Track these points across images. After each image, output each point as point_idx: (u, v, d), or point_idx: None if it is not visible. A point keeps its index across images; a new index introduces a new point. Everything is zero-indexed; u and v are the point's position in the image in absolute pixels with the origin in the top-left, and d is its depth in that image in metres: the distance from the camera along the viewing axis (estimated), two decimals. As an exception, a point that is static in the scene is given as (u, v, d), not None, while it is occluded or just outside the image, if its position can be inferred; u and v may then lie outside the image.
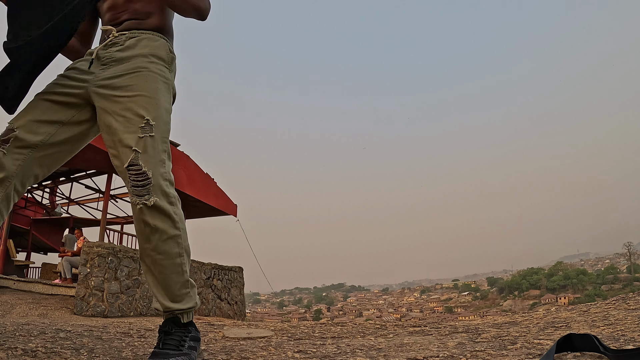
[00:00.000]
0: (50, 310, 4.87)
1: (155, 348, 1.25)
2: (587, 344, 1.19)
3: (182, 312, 1.30)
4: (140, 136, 1.23)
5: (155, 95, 1.31)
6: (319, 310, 73.74)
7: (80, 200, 11.81)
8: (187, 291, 1.31)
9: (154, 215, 1.22)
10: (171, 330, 1.27)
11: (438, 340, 1.83)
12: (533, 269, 77.13)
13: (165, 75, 1.39)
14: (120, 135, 1.25)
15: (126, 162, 1.23)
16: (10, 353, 1.24)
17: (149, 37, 1.41)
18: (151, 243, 1.24)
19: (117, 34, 1.39)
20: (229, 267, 8.24)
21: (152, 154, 1.24)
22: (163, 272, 1.26)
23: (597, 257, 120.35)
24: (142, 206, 1.21)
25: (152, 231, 1.23)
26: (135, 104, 1.27)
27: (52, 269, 9.49)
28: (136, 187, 1.22)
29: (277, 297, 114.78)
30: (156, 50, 1.40)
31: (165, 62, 1.41)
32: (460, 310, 68.02)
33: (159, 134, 1.27)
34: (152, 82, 1.32)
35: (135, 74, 1.31)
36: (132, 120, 1.25)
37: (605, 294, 52.56)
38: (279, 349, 1.69)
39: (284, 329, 2.61)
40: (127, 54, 1.36)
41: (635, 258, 70.78)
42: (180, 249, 1.29)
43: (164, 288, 1.27)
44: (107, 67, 1.35)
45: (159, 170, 1.25)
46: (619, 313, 2.04)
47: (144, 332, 2.27)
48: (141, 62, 1.35)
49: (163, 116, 1.30)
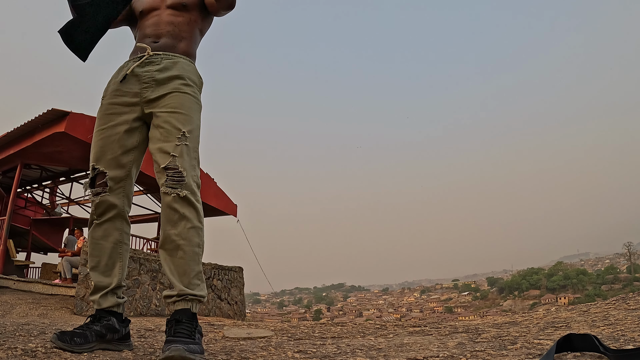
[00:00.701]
0: (50, 310, 4.87)
1: (168, 336, 1.32)
2: (587, 344, 1.18)
3: (194, 299, 1.40)
4: (177, 144, 1.46)
5: (190, 113, 1.53)
6: (319, 310, 73.71)
7: (80, 200, 11.82)
8: (200, 282, 1.43)
9: (183, 205, 1.42)
10: (182, 320, 1.35)
11: (438, 340, 1.83)
12: (533, 269, 77.10)
13: (198, 97, 1.61)
14: (160, 144, 1.48)
15: (164, 164, 1.44)
16: (10, 353, 1.24)
17: (183, 61, 1.62)
18: (177, 229, 1.41)
19: (152, 53, 1.58)
20: (229, 267, 8.24)
21: (187, 158, 1.46)
22: (183, 258, 1.40)
23: (597, 257, 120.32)
24: (175, 195, 1.41)
25: (180, 217, 1.41)
26: (174, 118, 1.50)
27: (52, 269, 9.47)
28: (172, 182, 1.42)
29: (277, 297, 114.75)
30: (190, 74, 1.61)
31: (197, 85, 1.63)
32: (460, 310, 67.98)
33: (192, 144, 1.50)
34: (188, 102, 1.55)
35: (174, 94, 1.53)
36: (170, 131, 1.48)
37: (605, 294, 52.53)
38: (279, 349, 1.69)
39: (284, 329, 2.61)
40: (165, 75, 1.56)
41: (635, 258, 70.75)
42: (200, 240, 1.45)
43: (180, 274, 1.40)
44: (149, 87, 1.56)
45: (191, 173, 1.46)
46: (619, 313, 2.04)
47: (144, 332, 2.27)
48: (178, 84, 1.56)
49: (195, 131, 1.53)
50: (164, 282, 6.09)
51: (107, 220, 1.54)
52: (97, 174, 1.53)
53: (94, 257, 1.54)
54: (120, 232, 1.57)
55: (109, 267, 1.53)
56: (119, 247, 1.56)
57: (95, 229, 1.54)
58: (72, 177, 10.05)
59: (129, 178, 1.58)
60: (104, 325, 1.45)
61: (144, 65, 1.57)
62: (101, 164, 1.53)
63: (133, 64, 1.59)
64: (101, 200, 1.52)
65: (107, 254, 1.54)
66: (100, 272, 1.53)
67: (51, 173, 9.73)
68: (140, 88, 1.56)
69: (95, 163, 1.53)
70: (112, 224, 1.55)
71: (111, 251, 1.54)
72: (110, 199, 1.52)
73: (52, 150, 7.61)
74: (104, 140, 1.54)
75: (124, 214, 1.57)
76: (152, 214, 11.83)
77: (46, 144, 7.24)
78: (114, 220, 1.55)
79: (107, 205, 1.53)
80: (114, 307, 1.52)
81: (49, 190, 11.39)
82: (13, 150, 7.54)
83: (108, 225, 1.54)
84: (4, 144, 7.80)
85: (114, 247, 1.55)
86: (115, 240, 1.55)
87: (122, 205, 1.56)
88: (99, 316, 1.48)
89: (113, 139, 1.54)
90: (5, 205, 8.60)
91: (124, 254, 1.58)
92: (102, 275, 1.52)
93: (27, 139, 7.21)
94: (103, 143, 1.54)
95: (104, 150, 1.53)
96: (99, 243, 1.54)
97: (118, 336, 1.49)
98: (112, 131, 1.54)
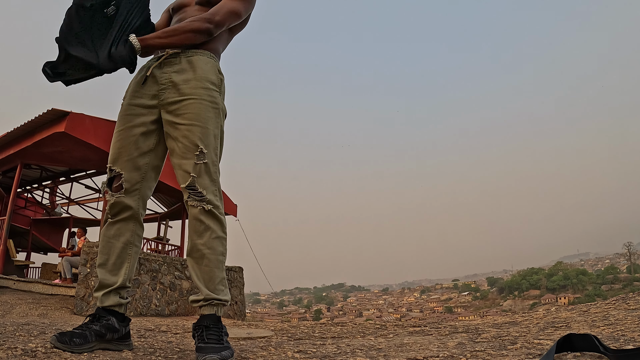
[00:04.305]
0: (50, 310, 4.86)
1: (200, 343, 1.38)
2: (587, 344, 1.18)
3: (219, 303, 1.47)
4: (197, 163, 1.48)
5: (207, 125, 1.52)
6: (319, 310, 73.69)
7: (80, 200, 11.82)
8: (224, 288, 1.50)
9: (208, 217, 1.49)
10: (210, 326, 1.42)
11: (438, 340, 1.83)
12: (533, 269, 77.06)
13: (215, 100, 1.57)
14: (180, 160, 1.51)
15: (185, 184, 1.49)
16: (10, 353, 1.24)
17: (201, 58, 1.58)
18: (203, 239, 1.48)
19: (171, 52, 1.57)
20: (229, 267, 8.24)
21: (206, 177, 1.50)
22: (209, 265, 1.47)
23: (597, 257, 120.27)
24: (201, 208, 1.48)
25: (205, 228, 1.48)
26: (192, 132, 1.49)
27: (52, 269, 9.46)
28: (194, 199, 1.48)
29: (277, 297, 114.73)
30: (207, 74, 1.57)
31: (215, 85, 1.59)
32: (460, 310, 67.96)
33: (210, 159, 1.52)
34: (204, 111, 1.52)
35: (190, 101, 1.52)
36: (189, 147, 1.49)
37: (605, 294, 52.50)
38: (279, 349, 1.69)
39: (284, 329, 2.61)
40: (182, 77, 1.54)
41: (635, 258, 70.74)
42: (224, 249, 1.52)
43: (206, 280, 1.47)
44: (165, 89, 1.55)
45: (212, 189, 1.51)
46: (619, 313, 2.04)
47: (144, 332, 2.27)
48: (194, 87, 1.53)
49: (212, 143, 1.53)
50: (163, 282, 6.09)
51: (120, 220, 1.56)
52: (114, 176, 1.55)
53: (103, 255, 1.55)
54: (132, 233, 1.58)
55: (116, 266, 1.54)
56: (129, 248, 1.58)
57: (108, 227, 1.57)
58: (72, 177, 10.04)
59: (145, 181, 1.59)
60: (103, 324, 1.45)
61: (162, 66, 1.57)
62: (118, 166, 1.54)
63: (152, 64, 1.59)
64: (116, 200, 1.54)
65: (116, 253, 1.55)
66: (108, 270, 1.54)
67: (51, 173, 9.72)
68: (157, 90, 1.56)
69: (112, 164, 1.55)
70: (125, 224, 1.57)
71: (121, 251, 1.56)
72: (126, 200, 1.54)
73: (52, 150, 7.61)
74: (121, 142, 1.55)
75: (138, 217, 1.59)
76: (152, 214, 11.83)
77: (46, 144, 7.24)
78: (127, 221, 1.57)
79: (122, 206, 1.55)
80: (115, 306, 1.52)
81: (49, 190, 11.38)
82: (13, 150, 7.54)
83: (121, 225, 1.57)
84: (4, 144, 7.80)
85: (124, 247, 1.56)
86: (126, 240, 1.57)
87: (137, 207, 1.57)
88: (98, 315, 1.48)
89: (130, 141, 1.55)
90: (5, 205, 8.60)
91: (133, 255, 1.59)
92: (109, 274, 1.53)
93: (27, 139, 7.20)
94: (120, 145, 1.55)
95: (121, 152, 1.55)
96: (110, 242, 1.55)
97: (118, 336, 1.49)
98: (129, 132, 1.55)
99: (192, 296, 1.50)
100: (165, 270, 6.17)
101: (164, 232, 10.70)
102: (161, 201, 11.75)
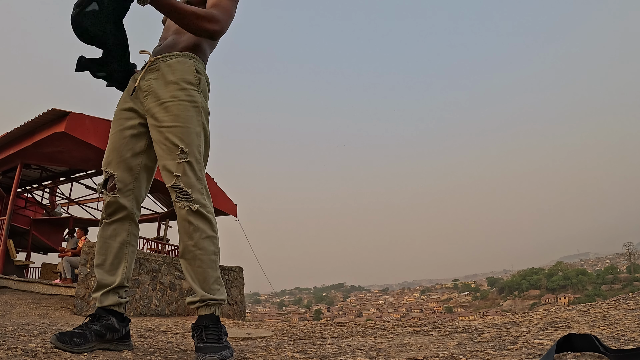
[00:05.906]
0: (50, 311, 4.86)
1: (199, 343, 1.39)
2: (587, 344, 1.18)
3: (216, 303, 1.47)
4: (179, 162, 1.49)
5: (187, 124, 1.53)
6: (319, 310, 73.67)
7: (80, 200, 11.82)
8: (219, 287, 1.50)
9: (196, 218, 1.48)
10: (209, 325, 1.42)
11: (438, 340, 1.83)
12: (533, 269, 77.04)
13: (194, 99, 1.57)
14: (163, 162, 1.52)
15: (170, 183, 1.50)
16: (10, 353, 1.24)
17: (178, 60, 1.60)
18: (193, 240, 1.47)
19: (153, 59, 1.61)
20: (229, 267, 8.23)
21: (191, 174, 1.50)
22: (201, 266, 1.47)
23: (597, 257, 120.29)
24: (188, 209, 1.47)
25: (194, 229, 1.47)
26: (172, 134, 1.51)
27: (52, 269, 9.45)
28: (181, 199, 1.48)
29: (277, 297, 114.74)
30: (184, 74, 1.58)
31: (193, 84, 1.58)
32: (460, 310, 67.93)
33: (193, 157, 1.52)
34: (184, 112, 1.53)
35: (168, 104, 1.53)
36: (171, 149, 1.51)
37: (605, 294, 52.49)
38: (279, 349, 1.69)
39: (284, 329, 2.61)
40: (160, 82, 1.57)
41: (635, 258, 70.70)
42: (215, 248, 1.52)
43: (201, 281, 1.47)
44: (147, 95, 1.59)
45: (197, 187, 1.51)
46: (619, 313, 2.04)
47: (144, 332, 2.27)
48: (172, 90, 1.55)
49: (194, 141, 1.53)
50: (163, 282, 6.09)
51: (116, 221, 1.59)
52: (108, 177, 1.59)
53: (100, 255, 1.57)
54: (128, 233, 1.61)
55: (114, 266, 1.56)
56: (126, 248, 1.60)
57: (105, 228, 1.59)
58: (72, 177, 10.04)
59: (137, 181, 1.62)
60: (103, 324, 1.46)
61: (145, 75, 1.62)
62: (111, 167, 1.59)
63: (139, 74, 1.64)
64: (111, 200, 1.57)
65: (113, 253, 1.57)
66: (105, 270, 1.55)
67: (51, 173, 9.73)
68: (143, 97, 1.61)
69: (106, 167, 1.60)
70: (121, 224, 1.60)
71: (118, 251, 1.58)
72: (121, 200, 1.58)
73: (52, 150, 7.61)
74: (114, 144, 1.61)
75: (133, 217, 1.62)
76: (152, 214, 11.83)
77: (46, 144, 7.24)
78: (123, 221, 1.60)
79: (117, 206, 1.58)
80: (115, 306, 1.53)
81: (49, 190, 11.38)
82: (13, 150, 7.54)
83: (117, 226, 1.59)
84: (4, 144, 7.80)
85: (121, 247, 1.59)
86: (122, 240, 1.59)
87: (131, 207, 1.60)
88: (98, 315, 1.49)
89: (122, 143, 1.60)
90: (5, 205, 8.60)
91: (130, 255, 1.61)
92: (107, 274, 1.55)
93: (27, 139, 7.20)
94: (113, 147, 1.61)
95: (114, 154, 1.60)
96: (107, 242, 1.58)
97: (118, 336, 1.50)
98: (120, 135, 1.61)
99: (189, 298, 1.50)
100: (165, 270, 6.17)
101: (164, 232, 10.71)
102: (161, 201, 11.75)
